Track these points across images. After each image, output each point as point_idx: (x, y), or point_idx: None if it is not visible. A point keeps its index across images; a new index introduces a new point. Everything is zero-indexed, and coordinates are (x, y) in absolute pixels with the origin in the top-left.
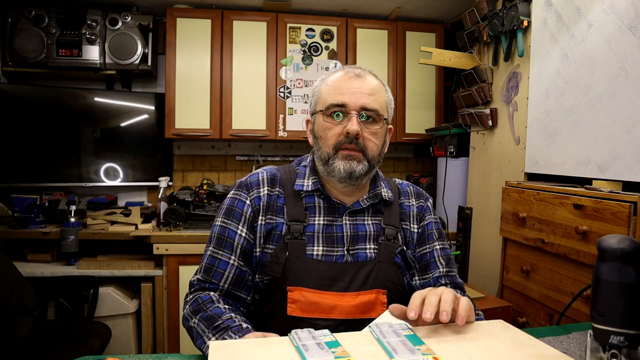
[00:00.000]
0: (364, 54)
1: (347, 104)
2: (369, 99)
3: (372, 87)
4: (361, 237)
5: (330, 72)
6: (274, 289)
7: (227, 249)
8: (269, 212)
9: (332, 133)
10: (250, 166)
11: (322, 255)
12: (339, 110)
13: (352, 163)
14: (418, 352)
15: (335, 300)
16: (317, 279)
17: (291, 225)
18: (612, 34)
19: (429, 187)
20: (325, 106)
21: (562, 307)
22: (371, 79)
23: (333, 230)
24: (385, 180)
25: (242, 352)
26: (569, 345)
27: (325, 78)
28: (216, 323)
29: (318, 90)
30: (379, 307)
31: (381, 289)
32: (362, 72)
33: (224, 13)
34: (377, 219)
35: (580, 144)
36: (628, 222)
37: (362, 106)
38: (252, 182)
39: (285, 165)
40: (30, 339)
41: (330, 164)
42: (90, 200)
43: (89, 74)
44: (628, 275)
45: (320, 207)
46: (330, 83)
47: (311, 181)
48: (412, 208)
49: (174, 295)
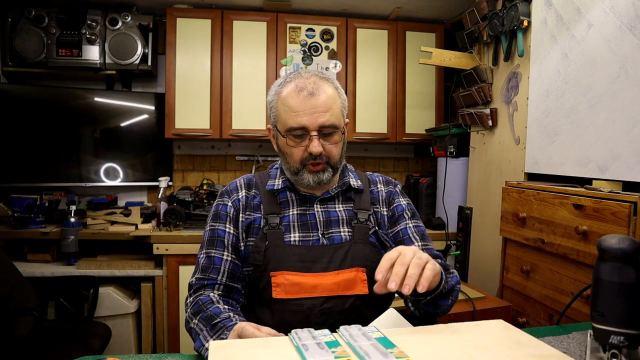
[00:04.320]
0: (364, 54)
1: (306, 125)
2: (326, 116)
3: (326, 102)
4: (334, 222)
5: (282, 83)
6: (258, 277)
7: (220, 247)
8: (247, 210)
9: (296, 151)
10: (250, 166)
11: (299, 240)
12: (300, 132)
13: (319, 174)
14: (391, 356)
15: (317, 280)
16: (297, 262)
17: (268, 218)
18: (612, 34)
19: (429, 187)
20: (285, 129)
21: (562, 307)
22: (324, 91)
23: (307, 218)
24: (354, 172)
25: (242, 352)
26: (569, 345)
27: (278, 92)
28: (214, 322)
29: (275, 107)
30: (360, 284)
31: (360, 267)
32: (315, 85)
33: (224, 13)
34: (348, 205)
35: (580, 144)
36: (628, 222)
37: (320, 125)
38: (232, 188)
39: (261, 172)
40: (30, 339)
41: (299, 175)
42: (90, 200)
43: (89, 74)
44: (628, 275)
45: (292, 200)
46: (286, 102)
47: (280, 180)
48: (381, 193)
49: (174, 295)
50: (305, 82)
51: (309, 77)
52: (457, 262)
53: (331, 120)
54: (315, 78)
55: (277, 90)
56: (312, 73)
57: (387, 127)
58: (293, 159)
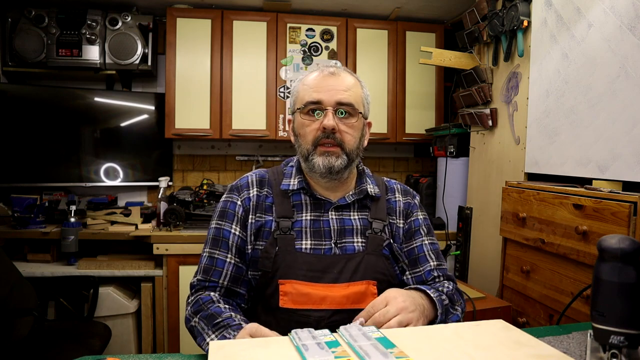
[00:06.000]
0: (364, 54)
1: (322, 100)
2: (344, 95)
3: (347, 83)
4: (348, 230)
5: (308, 72)
6: (265, 283)
7: (224, 248)
8: (258, 211)
9: (310, 129)
10: (250, 166)
11: (310, 248)
12: (316, 107)
13: (331, 159)
14: (391, 356)
15: (326, 291)
16: (307, 271)
17: (280, 222)
18: (612, 34)
19: (429, 187)
20: (302, 104)
21: (562, 307)
22: (347, 76)
23: (320, 225)
24: (372, 177)
25: (242, 352)
26: (569, 345)
27: (303, 78)
28: (216, 321)
29: (296, 90)
30: (369, 298)
31: (371, 280)
32: (338, 70)
33: (224, 13)
34: (363, 214)
35: (580, 144)
36: (628, 222)
37: (337, 101)
38: (242, 184)
39: (274, 167)
40: (30, 339)
41: (310, 160)
42: (90, 200)
43: (89, 74)
44: (628, 275)
45: (306, 203)
46: (307, 82)
47: (297, 180)
48: (398, 204)
49: (174, 295)
50: (329, 68)
51: (334, 65)
52: (457, 262)
53: (349, 99)
54: (340, 68)
55: (301, 78)
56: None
57: (387, 127)
58: (306, 139)
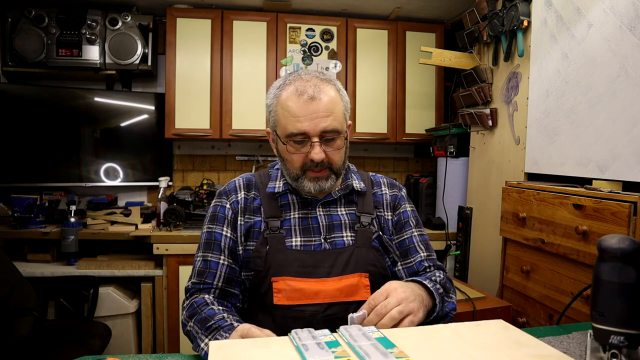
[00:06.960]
0: (364, 54)
1: (307, 131)
2: (327, 121)
3: (328, 106)
4: (336, 226)
5: (281, 86)
6: (259, 282)
7: (216, 251)
8: (247, 213)
9: (297, 157)
10: (250, 166)
11: (300, 245)
12: (300, 139)
13: (321, 182)
14: (391, 356)
15: (319, 285)
16: (299, 267)
17: (269, 222)
18: (612, 34)
19: (429, 187)
20: (285, 135)
21: (562, 307)
22: (325, 93)
23: (309, 222)
24: (357, 172)
25: (242, 352)
26: (569, 345)
27: (277, 95)
28: (208, 324)
29: (274, 111)
30: (362, 290)
31: (363, 272)
32: (315, 89)
33: (224, 13)
34: (350, 209)
35: (580, 144)
36: (628, 222)
37: (322, 130)
38: (230, 189)
39: (260, 170)
40: (30, 339)
41: (299, 182)
42: (90, 200)
43: (89, 74)
44: (628, 275)
45: (294, 203)
46: (286, 106)
47: (282, 183)
48: (385, 197)
49: (174, 295)
50: (305, 85)
51: (309, 79)
52: (457, 262)
53: (333, 125)
54: (316, 80)
55: (276, 93)
56: (312, 74)
57: (387, 127)
58: (293, 165)
